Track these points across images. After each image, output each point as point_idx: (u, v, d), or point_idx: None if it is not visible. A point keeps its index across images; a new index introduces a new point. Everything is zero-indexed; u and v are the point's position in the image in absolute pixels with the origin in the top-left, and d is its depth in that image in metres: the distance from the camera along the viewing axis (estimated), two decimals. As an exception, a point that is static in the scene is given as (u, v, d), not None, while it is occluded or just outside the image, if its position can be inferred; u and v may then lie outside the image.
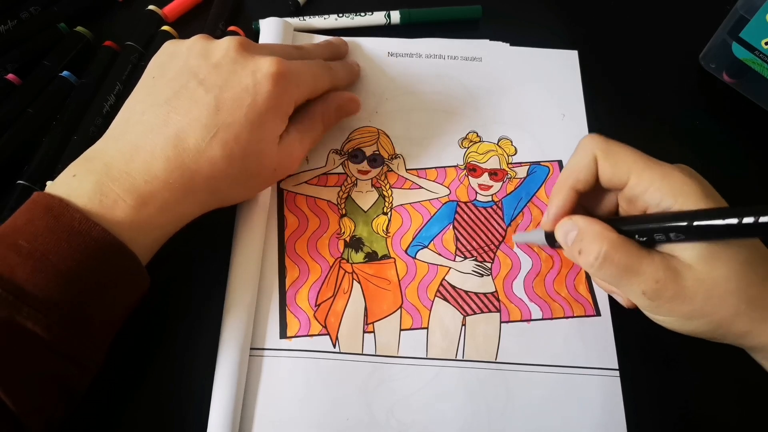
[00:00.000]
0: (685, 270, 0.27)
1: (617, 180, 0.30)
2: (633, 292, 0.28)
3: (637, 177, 0.29)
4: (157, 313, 0.33)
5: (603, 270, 0.28)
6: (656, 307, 0.28)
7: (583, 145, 0.31)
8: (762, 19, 0.38)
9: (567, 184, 0.31)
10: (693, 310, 0.27)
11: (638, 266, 0.28)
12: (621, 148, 0.30)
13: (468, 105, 0.42)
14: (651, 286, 0.27)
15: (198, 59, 0.32)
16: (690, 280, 0.27)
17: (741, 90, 0.44)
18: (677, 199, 0.28)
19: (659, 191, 0.28)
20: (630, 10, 0.48)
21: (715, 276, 0.27)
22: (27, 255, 0.26)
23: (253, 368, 0.33)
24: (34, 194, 0.28)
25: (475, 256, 0.37)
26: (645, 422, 0.33)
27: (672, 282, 0.27)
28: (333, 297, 0.35)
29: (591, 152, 0.31)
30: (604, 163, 0.30)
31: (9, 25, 0.42)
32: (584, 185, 0.31)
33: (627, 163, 0.30)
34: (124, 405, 0.32)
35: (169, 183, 0.29)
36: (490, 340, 0.34)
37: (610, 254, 0.28)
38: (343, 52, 0.42)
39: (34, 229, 0.27)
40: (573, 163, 0.32)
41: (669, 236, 0.27)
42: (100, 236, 0.27)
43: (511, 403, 0.33)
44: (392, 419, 0.32)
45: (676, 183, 0.28)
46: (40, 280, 0.26)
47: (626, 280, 0.28)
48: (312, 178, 0.39)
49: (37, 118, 0.39)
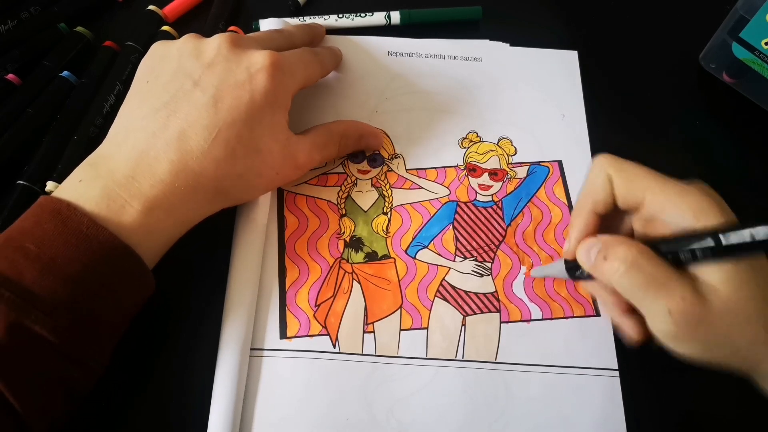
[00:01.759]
0: (711, 293, 0.26)
1: (632, 199, 0.29)
2: (658, 310, 0.27)
3: (653, 195, 0.28)
4: (158, 314, 0.33)
5: (629, 277, 0.27)
6: (679, 333, 0.27)
7: (595, 166, 0.31)
8: (762, 19, 0.38)
9: (586, 207, 0.31)
10: (716, 336, 0.26)
11: (666, 279, 0.26)
12: (634, 166, 0.30)
13: (468, 105, 0.42)
14: (678, 304, 0.26)
15: (190, 60, 0.32)
16: (716, 303, 0.26)
17: (741, 90, 0.44)
18: (697, 217, 0.27)
19: (677, 209, 0.27)
20: (630, 11, 0.48)
21: (740, 298, 0.26)
22: (35, 258, 0.26)
23: (253, 368, 0.33)
24: (41, 198, 0.28)
25: (475, 256, 0.37)
26: (645, 422, 0.33)
27: (698, 304, 0.26)
28: (333, 297, 0.35)
29: (604, 172, 0.30)
30: (618, 182, 0.30)
31: (9, 25, 0.42)
32: (603, 207, 0.30)
33: (641, 182, 0.29)
34: (124, 405, 0.32)
35: (175, 186, 0.29)
36: (490, 340, 0.34)
37: (638, 260, 0.27)
38: (321, 34, 0.42)
39: (41, 233, 0.27)
40: (588, 186, 0.31)
41: (695, 254, 0.26)
42: (107, 240, 0.27)
43: (510, 403, 0.33)
44: (392, 419, 0.32)
45: (695, 201, 0.27)
46: (47, 283, 0.26)
47: (653, 293, 0.26)
48: (312, 177, 0.39)
49: (37, 118, 0.39)
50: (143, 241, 0.29)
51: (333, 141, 0.36)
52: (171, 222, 0.30)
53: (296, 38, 0.39)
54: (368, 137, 0.39)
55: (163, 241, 0.31)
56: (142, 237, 0.29)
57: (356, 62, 0.43)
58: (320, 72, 0.38)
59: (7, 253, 0.26)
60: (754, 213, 0.39)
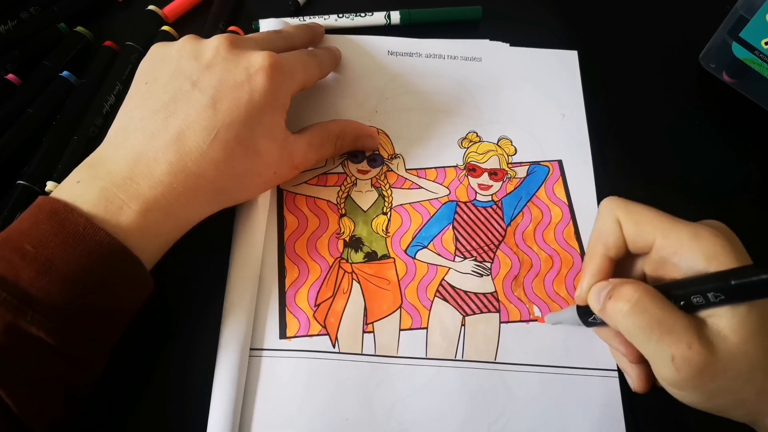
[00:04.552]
0: (720, 342, 0.25)
1: (642, 241, 0.29)
2: (661, 356, 0.26)
3: (663, 237, 0.28)
4: (158, 314, 0.33)
5: (633, 318, 0.26)
6: (682, 382, 0.26)
7: (603, 209, 0.30)
8: (762, 19, 0.38)
9: (598, 252, 0.30)
10: (720, 387, 0.26)
11: (672, 323, 0.25)
12: (642, 208, 0.29)
13: (468, 105, 0.42)
14: (683, 351, 0.25)
15: (189, 61, 0.32)
16: (724, 351, 0.25)
17: (741, 90, 0.44)
18: (710, 261, 0.26)
19: (690, 252, 0.26)
20: (630, 10, 0.48)
21: (749, 348, 0.25)
22: (32, 259, 0.26)
23: (252, 368, 0.33)
24: (39, 198, 0.28)
25: (475, 257, 0.37)
26: (645, 422, 0.33)
27: (705, 352, 0.25)
28: (332, 297, 0.35)
29: (613, 215, 0.29)
30: (627, 225, 0.29)
31: (9, 25, 0.42)
32: (615, 251, 0.30)
33: (651, 223, 0.28)
34: (124, 405, 0.32)
35: (173, 187, 0.29)
36: (490, 340, 0.34)
37: (643, 301, 0.26)
38: (320, 34, 0.42)
39: (38, 234, 0.27)
40: (597, 230, 0.30)
41: (708, 298, 0.25)
42: (104, 241, 0.27)
43: (510, 403, 0.33)
44: (392, 419, 0.32)
45: (707, 245, 0.26)
46: (44, 284, 0.26)
47: (656, 337, 0.26)
48: (311, 177, 0.39)
49: (37, 118, 0.39)
50: (141, 242, 0.29)
51: (329, 141, 0.37)
52: (170, 223, 0.30)
53: (295, 39, 0.39)
54: (364, 138, 0.39)
55: (162, 241, 0.31)
56: (140, 238, 0.29)
57: (356, 62, 0.43)
58: (319, 73, 0.38)
59: (4, 253, 0.26)
60: (754, 213, 0.39)
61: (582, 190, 0.39)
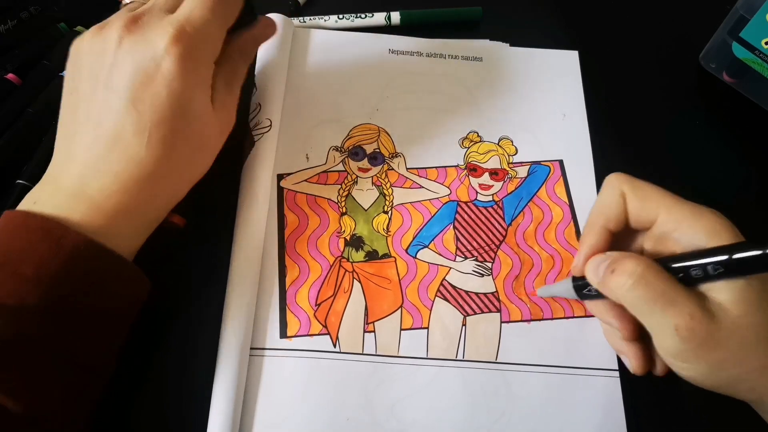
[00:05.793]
0: (721, 312, 0.26)
1: (646, 217, 0.29)
2: (664, 327, 0.26)
3: (667, 213, 0.28)
4: (157, 313, 0.33)
5: (637, 291, 0.26)
6: (686, 352, 0.26)
7: (608, 183, 0.31)
8: (762, 19, 0.38)
9: (598, 223, 0.30)
10: (725, 357, 0.26)
11: (674, 295, 0.26)
12: (648, 185, 0.30)
13: (468, 105, 0.42)
14: (685, 320, 0.25)
15: (96, 62, 0.30)
16: (725, 323, 0.25)
17: (741, 90, 0.44)
18: (710, 237, 0.26)
19: (691, 228, 0.27)
20: (630, 11, 0.48)
21: (750, 320, 0.25)
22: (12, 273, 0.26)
23: (253, 368, 0.32)
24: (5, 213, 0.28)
25: (476, 256, 0.37)
26: (645, 422, 0.33)
27: (707, 322, 0.25)
28: (333, 296, 0.35)
29: (618, 189, 0.30)
30: (632, 200, 0.29)
31: (9, 25, 0.42)
32: (616, 224, 0.30)
33: (656, 200, 0.29)
34: (124, 405, 0.32)
35: (130, 194, 0.29)
36: (491, 340, 0.34)
37: (646, 274, 0.26)
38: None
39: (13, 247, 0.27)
40: (601, 202, 0.31)
41: (707, 271, 0.26)
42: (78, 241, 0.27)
43: (511, 403, 0.33)
44: (392, 419, 0.32)
45: (709, 222, 0.27)
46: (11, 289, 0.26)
47: (660, 308, 0.26)
48: (312, 176, 0.39)
49: (37, 118, 0.38)
50: (114, 241, 0.28)
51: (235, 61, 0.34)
52: (135, 224, 0.30)
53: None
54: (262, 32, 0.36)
55: (135, 242, 0.30)
56: (112, 236, 0.28)
57: (357, 60, 0.43)
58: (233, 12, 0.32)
59: None
60: (754, 213, 0.39)
61: (583, 190, 0.39)
